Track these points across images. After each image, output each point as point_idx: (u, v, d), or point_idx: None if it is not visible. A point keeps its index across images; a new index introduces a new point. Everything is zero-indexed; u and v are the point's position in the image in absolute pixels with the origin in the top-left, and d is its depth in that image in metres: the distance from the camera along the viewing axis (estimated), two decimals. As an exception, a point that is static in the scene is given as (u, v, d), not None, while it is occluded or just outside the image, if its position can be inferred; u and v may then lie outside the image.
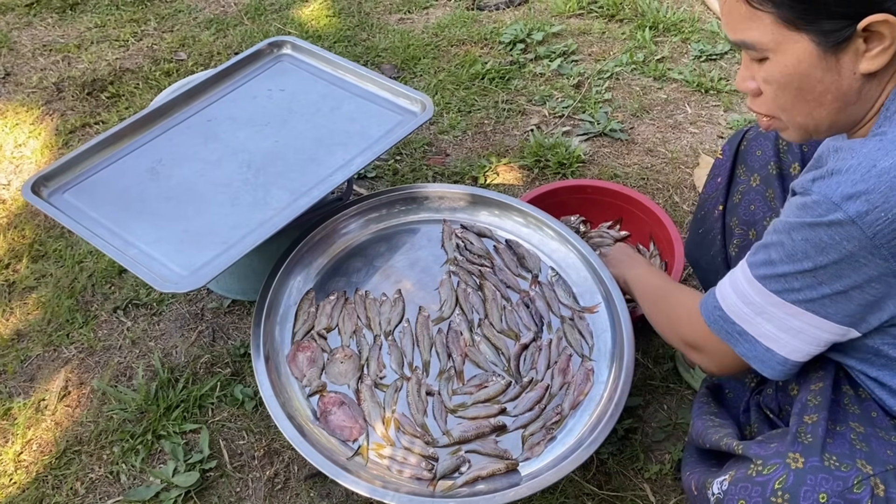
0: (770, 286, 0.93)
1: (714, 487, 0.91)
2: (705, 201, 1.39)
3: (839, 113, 0.93)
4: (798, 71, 0.90)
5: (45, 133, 2.41)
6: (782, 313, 0.93)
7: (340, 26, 2.89)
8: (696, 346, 1.11)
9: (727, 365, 1.07)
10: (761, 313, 0.95)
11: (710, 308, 1.04)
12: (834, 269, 0.85)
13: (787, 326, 0.93)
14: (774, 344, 0.95)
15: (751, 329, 0.97)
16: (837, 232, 0.82)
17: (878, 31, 0.84)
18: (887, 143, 0.82)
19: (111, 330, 1.81)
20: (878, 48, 0.85)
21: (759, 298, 0.95)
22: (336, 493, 1.47)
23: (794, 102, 0.94)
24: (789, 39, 0.88)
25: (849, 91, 0.90)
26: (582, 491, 1.46)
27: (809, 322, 0.91)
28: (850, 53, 0.87)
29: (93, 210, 1.52)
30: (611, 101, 2.46)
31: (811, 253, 0.86)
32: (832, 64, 0.88)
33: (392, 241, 1.71)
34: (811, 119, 0.95)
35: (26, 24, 2.97)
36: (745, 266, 0.98)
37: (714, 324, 1.03)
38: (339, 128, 1.69)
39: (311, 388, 1.45)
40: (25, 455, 1.57)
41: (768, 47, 0.91)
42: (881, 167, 0.80)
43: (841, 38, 0.86)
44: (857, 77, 0.88)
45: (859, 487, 0.81)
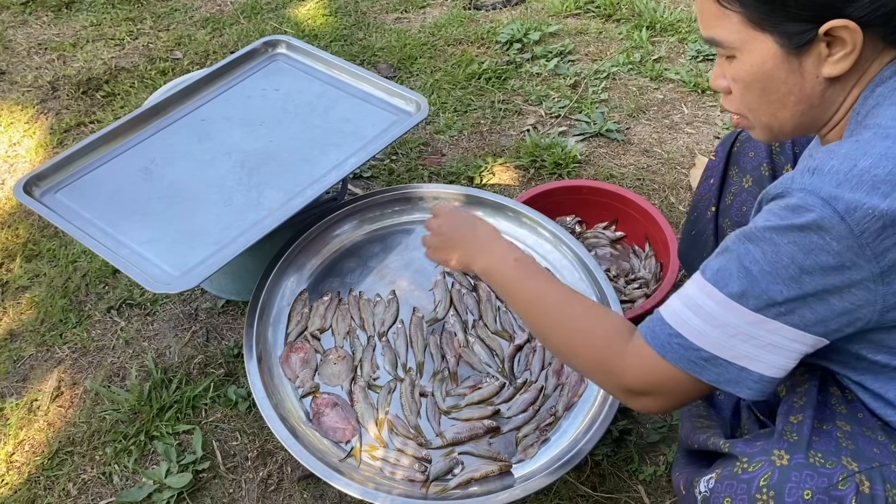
0: (749, 304, 0.85)
1: (701, 486, 0.91)
2: (698, 202, 1.39)
3: (803, 115, 0.94)
4: (762, 71, 0.91)
5: (40, 132, 2.40)
6: (762, 331, 0.86)
7: (337, 25, 2.88)
8: (644, 391, 0.98)
9: (685, 399, 0.97)
10: (736, 335, 0.87)
11: (664, 338, 0.93)
12: (819, 274, 0.82)
13: (766, 343, 0.87)
14: (750, 363, 0.89)
15: (723, 353, 0.89)
16: (827, 232, 0.80)
17: (839, 37, 0.85)
18: (864, 145, 0.82)
19: (105, 330, 1.80)
20: (840, 53, 0.87)
21: (734, 319, 0.87)
22: (329, 495, 1.47)
23: (758, 102, 0.95)
24: (755, 39, 0.90)
25: (812, 94, 0.91)
26: (576, 493, 1.45)
27: (789, 336, 0.86)
28: (812, 57, 0.88)
29: (85, 210, 1.51)
30: (607, 102, 2.45)
31: (798, 257, 0.82)
32: (795, 66, 0.89)
33: (386, 242, 1.70)
34: (775, 119, 0.96)
35: (21, 23, 2.96)
36: (707, 285, 0.89)
37: (672, 353, 0.92)
38: (334, 128, 1.69)
39: (304, 390, 1.44)
40: (17, 456, 1.56)
41: (735, 46, 0.92)
42: (861, 167, 0.80)
43: (803, 40, 0.87)
44: (820, 80, 0.90)
45: (844, 484, 0.81)
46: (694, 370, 0.91)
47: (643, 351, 0.96)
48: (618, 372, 1.00)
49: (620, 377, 1.00)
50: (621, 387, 1.01)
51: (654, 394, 0.97)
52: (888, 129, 0.83)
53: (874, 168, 0.79)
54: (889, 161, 0.80)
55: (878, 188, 0.78)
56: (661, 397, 0.97)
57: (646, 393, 0.98)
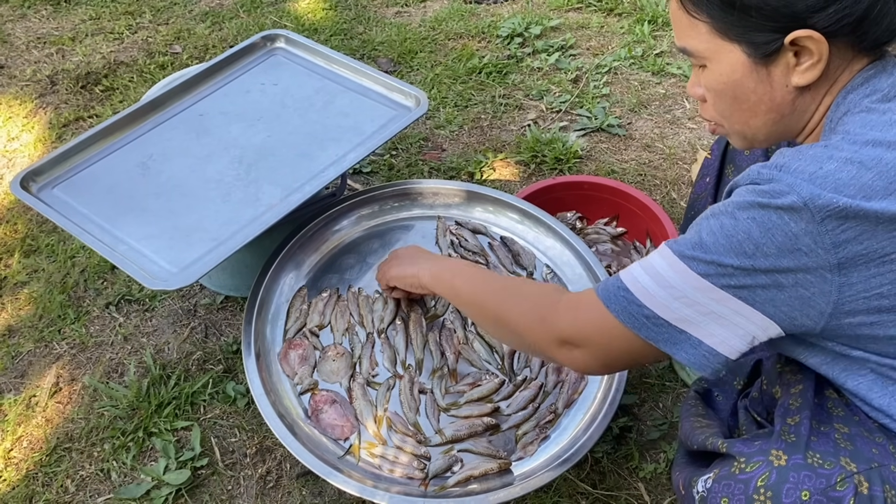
0: (698, 268, 0.86)
1: (699, 486, 0.91)
2: (695, 200, 1.39)
3: (775, 124, 0.95)
4: (732, 80, 0.93)
5: (39, 126, 2.39)
6: (706, 298, 0.86)
7: (337, 19, 2.86)
8: (576, 341, 0.99)
9: (616, 357, 0.97)
10: (680, 297, 0.87)
11: (613, 289, 0.93)
12: (774, 252, 0.81)
13: (709, 311, 0.86)
14: (690, 328, 0.88)
15: (664, 313, 0.89)
16: (788, 214, 0.80)
17: (806, 47, 0.87)
18: (831, 149, 0.83)
19: (103, 326, 1.80)
20: (807, 63, 0.88)
21: (680, 282, 0.87)
22: (328, 492, 1.46)
23: (731, 111, 0.97)
24: (724, 49, 0.92)
25: (782, 103, 0.93)
26: (576, 490, 1.45)
27: (734, 308, 0.85)
28: (780, 66, 0.90)
29: (82, 206, 1.50)
30: (609, 96, 2.44)
31: (755, 234, 0.82)
32: (763, 75, 0.91)
33: (385, 238, 1.69)
34: (748, 128, 0.98)
35: (20, 17, 2.95)
36: (665, 249, 0.90)
37: (615, 304, 0.92)
38: (333, 123, 1.68)
39: (303, 387, 1.43)
40: (15, 452, 1.56)
41: (705, 55, 0.94)
42: (826, 169, 0.81)
43: (769, 50, 0.89)
44: (789, 89, 0.91)
45: (842, 485, 0.80)
46: (633, 324, 0.91)
47: (584, 297, 0.98)
48: (551, 320, 1.01)
49: (554, 325, 1.01)
50: (554, 335, 1.01)
51: (586, 345, 0.98)
52: (856, 135, 0.84)
53: (838, 172, 0.80)
54: (853, 166, 0.81)
55: (840, 191, 0.79)
56: (593, 350, 0.97)
57: (578, 344, 0.98)
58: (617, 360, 0.98)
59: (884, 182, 0.80)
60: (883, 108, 0.87)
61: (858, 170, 0.80)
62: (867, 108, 0.87)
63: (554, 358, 1.03)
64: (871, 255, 0.80)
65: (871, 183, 0.80)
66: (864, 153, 0.82)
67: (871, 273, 0.81)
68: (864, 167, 0.80)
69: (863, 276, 0.81)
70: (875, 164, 0.81)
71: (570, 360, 1.01)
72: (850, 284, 0.82)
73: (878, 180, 0.80)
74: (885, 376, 0.90)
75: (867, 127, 0.85)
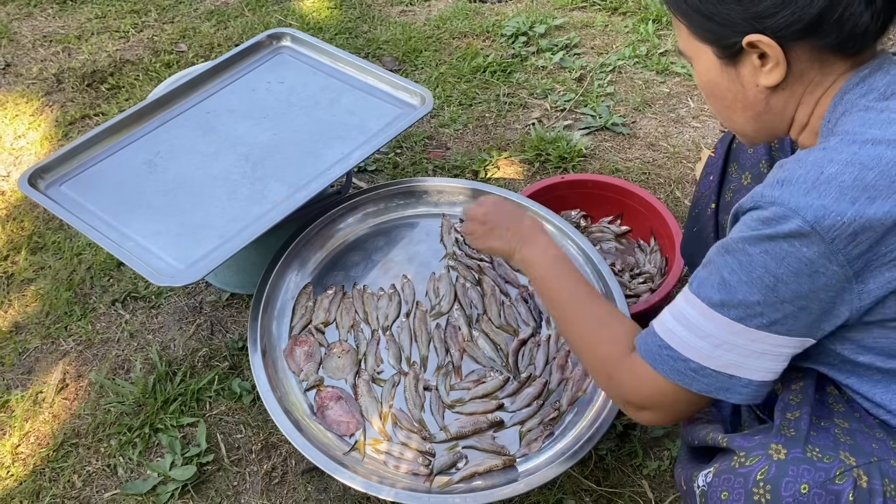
0: (730, 314, 0.88)
1: (699, 480, 0.91)
2: (699, 199, 1.39)
3: (755, 121, 0.98)
4: (708, 79, 0.97)
5: (45, 124, 2.40)
6: (744, 340, 0.88)
7: (342, 18, 2.87)
8: (641, 405, 1.00)
9: (683, 411, 0.99)
10: (720, 345, 0.89)
11: (654, 348, 0.95)
12: (794, 281, 0.83)
13: (751, 351, 0.89)
14: (738, 370, 0.90)
15: (710, 363, 0.91)
16: (798, 240, 0.81)
17: (764, 50, 0.89)
18: (830, 152, 0.84)
19: (109, 323, 1.81)
20: (770, 64, 0.90)
21: (716, 330, 0.89)
22: (333, 488, 1.47)
23: (717, 108, 1.01)
24: (700, 49, 0.96)
25: (755, 101, 0.95)
26: (580, 487, 1.45)
27: (773, 343, 0.88)
28: (747, 67, 0.93)
29: (90, 202, 1.51)
30: (613, 95, 2.44)
31: (771, 266, 0.84)
32: (733, 75, 0.95)
33: (390, 236, 1.70)
34: (734, 124, 1.01)
35: (27, 15, 2.96)
36: (692, 297, 0.91)
37: (662, 365, 0.94)
38: (338, 121, 1.68)
39: (309, 383, 1.44)
40: (23, 448, 1.56)
41: (688, 55, 0.99)
42: (828, 173, 0.81)
43: (733, 51, 0.92)
44: (760, 89, 0.94)
45: (842, 478, 0.81)
46: (684, 381, 0.93)
47: (638, 363, 0.99)
48: (617, 383, 1.04)
49: (619, 388, 1.03)
50: (622, 399, 1.04)
51: (652, 407, 1.00)
52: (854, 135, 0.85)
53: (840, 175, 0.81)
54: (855, 167, 0.81)
55: (845, 194, 0.80)
56: (660, 411, 1.00)
57: (646, 407, 1.01)
58: (682, 413, 1.00)
59: (886, 181, 0.80)
60: (881, 107, 0.87)
61: (860, 171, 0.81)
62: (865, 107, 0.88)
63: (629, 414, 1.05)
64: (882, 259, 0.81)
65: (874, 182, 0.80)
66: (863, 153, 0.82)
67: (886, 278, 0.82)
68: (865, 167, 0.81)
69: (878, 280, 0.83)
70: (876, 164, 0.81)
71: (639, 418, 1.04)
72: (867, 291, 0.83)
73: (880, 179, 0.80)
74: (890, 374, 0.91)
75: (866, 125, 0.85)
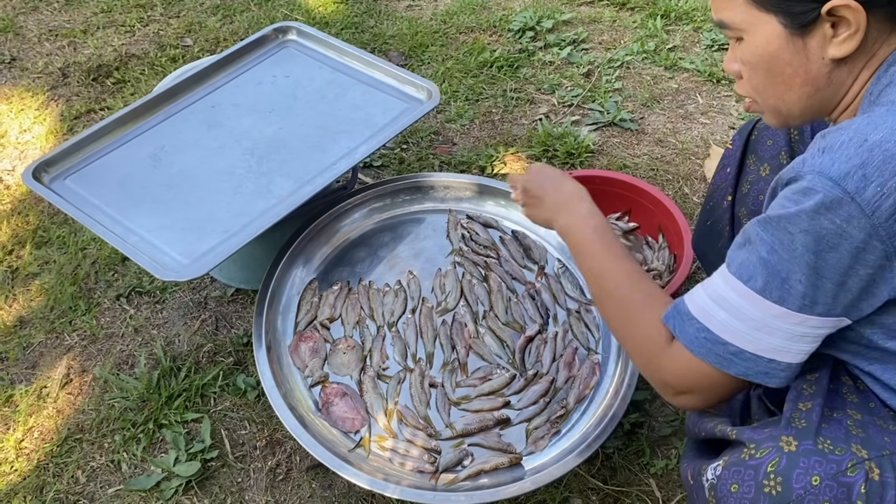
0: (771, 296, 0.86)
1: (708, 473, 0.90)
2: (714, 192, 1.36)
3: (809, 98, 0.93)
4: (767, 52, 0.92)
5: (51, 119, 2.39)
6: (787, 323, 0.86)
7: (348, 13, 2.86)
8: (681, 389, 0.99)
9: (721, 394, 0.97)
10: (761, 328, 0.88)
11: (693, 332, 0.93)
12: (835, 257, 0.81)
13: (793, 334, 0.87)
14: (778, 354, 0.89)
15: (750, 346, 0.89)
16: (838, 214, 0.79)
17: (843, 17, 0.85)
18: (875, 119, 0.81)
19: (114, 317, 1.80)
20: (844, 34, 0.86)
21: (758, 313, 0.87)
22: (338, 485, 1.46)
23: (765, 84, 0.96)
24: (759, 20, 0.90)
25: (818, 75, 0.91)
26: (586, 485, 1.44)
27: (813, 325, 0.87)
28: (817, 37, 0.88)
29: (94, 197, 1.50)
30: (621, 91, 2.42)
31: (811, 244, 0.81)
32: (800, 47, 0.89)
33: (396, 231, 1.69)
34: (782, 102, 0.96)
35: (32, 9, 2.95)
36: (731, 278, 0.89)
37: (701, 348, 0.92)
38: (344, 115, 1.67)
39: (314, 379, 1.43)
40: (27, 442, 1.56)
41: (741, 27, 0.93)
42: (872, 140, 0.79)
43: (806, 20, 0.87)
44: (825, 62, 0.89)
45: (853, 471, 0.80)
46: (722, 364, 0.92)
47: (677, 348, 0.97)
48: (656, 368, 1.01)
49: (659, 373, 1.01)
50: (662, 383, 1.01)
51: (691, 392, 0.98)
52: None
53: (885, 142, 0.79)
54: None
55: (888, 163, 0.78)
56: (699, 395, 0.98)
57: (684, 391, 0.99)
58: (720, 397, 0.98)
59: None
60: None
61: None
62: None
63: (669, 401, 1.03)
64: None
65: None
66: None
67: None
68: None
69: None
70: None
71: (682, 404, 1.01)
72: None
73: None
74: None
75: None
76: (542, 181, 1.31)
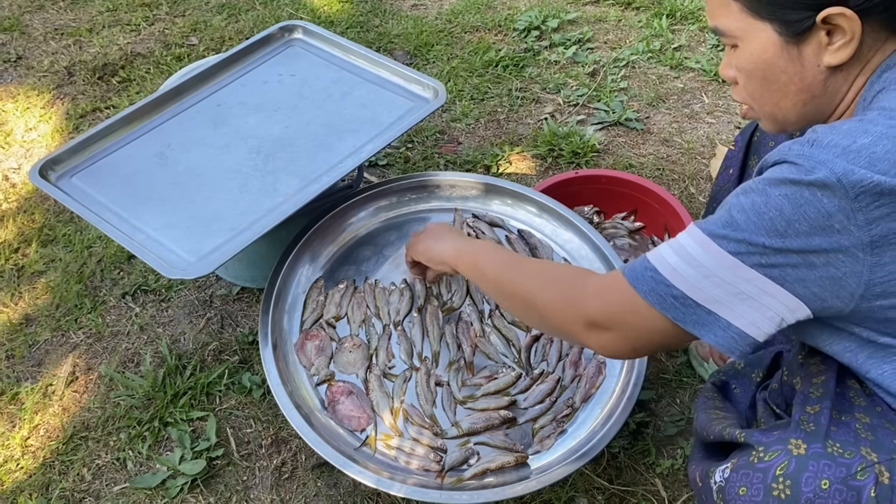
0: (728, 247, 0.84)
1: (716, 476, 0.90)
2: (717, 192, 1.37)
3: (805, 105, 0.94)
4: (762, 59, 0.92)
5: (56, 117, 2.40)
6: (734, 276, 0.84)
7: (353, 12, 2.86)
8: (605, 324, 0.96)
9: (646, 339, 0.94)
10: (709, 276, 0.85)
11: (640, 270, 0.91)
12: (806, 230, 0.80)
13: (738, 291, 0.84)
14: (720, 309, 0.86)
15: (693, 293, 0.86)
16: (821, 190, 0.78)
17: (838, 25, 0.85)
18: (866, 123, 0.81)
19: (119, 315, 1.80)
20: (839, 41, 0.87)
21: (710, 261, 0.85)
22: (343, 483, 1.46)
23: (761, 91, 0.96)
24: (755, 28, 0.91)
25: (813, 83, 0.91)
26: (592, 485, 1.44)
27: (764, 288, 0.84)
28: (812, 45, 0.88)
29: (101, 195, 1.50)
30: (626, 90, 2.42)
31: (787, 210, 0.80)
32: (795, 54, 0.90)
33: (402, 230, 1.68)
34: (778, 109, 0.97)
35: (38, 8, 2.96)
36: (694, 228, 0.88)
37: (643, 284, 0.90)
38: (350, 114, 1.67)
39: (320, 377, 1.43)
40: (32, 440, 1.56)
41: (736, 34, 0.93)
42: (860, 143, 0.79)
43: (801, 28, 0.87)
44: (821, 69, 0.90)
45: (863, 474, 0.79)
46: (661, 305, 0.89)
47: (612, 279, 0.95)
48: (580, 301, 0.99)
49: (582, 308, 0.98)
50: (582, 318, 0.98)
51: (614, 328, 0.95)
52: (893, 110, 0.82)
53: (873, 146, 0.79)
54: (889, 141, 0.79)
55: (874, 165, 0.78)
56: (621, 333, 0.95)
57: (607, 326, 0.96)
58: (645, 344, 0.96)
59: None
60: None
61: (894, 144, 0.78)
62: None
63: (582, 341, 1.01)
64: None
65: None
66: None
67: None
68: None
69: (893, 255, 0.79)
70: None
71: (598, 344, 0.99)
72: (882, 265, 0.80)
73: None
74: None
75: None
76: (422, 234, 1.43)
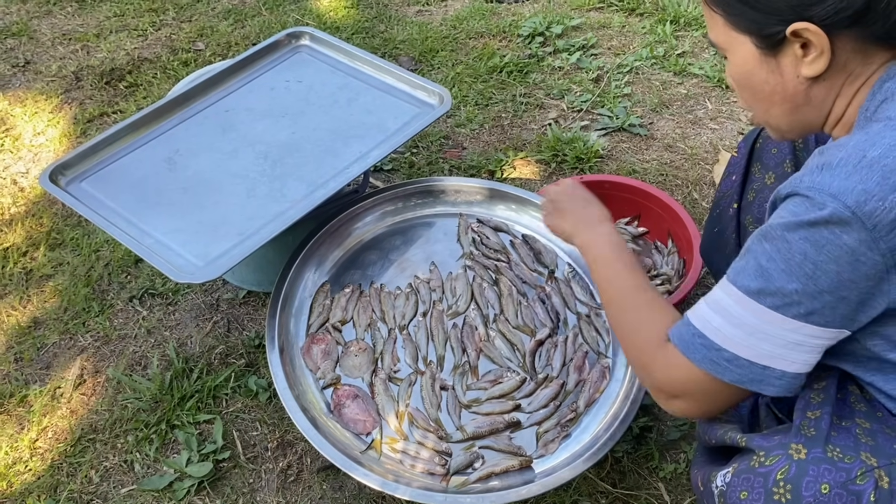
0: (766, 302, 0.86)
1: (717, 480, 0.91)
2: (720, 199, 1.38)
3: (792, 114, 0.96)
4: (745, 71, 0.95)
5: (64, 122, 2.42)
6: (780, 329, 0.86)
7: (358, 18, 2.87)
8: (674, 393, 0.99)
9: (715, 402, 0.97)
10: (754, 333, 0.88)
11: (688, 337, 0.94)
12: (833, 269, 0.81)
13: (787, 341, 0.87)
14: (772, 361, 0.89)
15: (744, 352, 0.89)
16: (838, 227, 0.80)
17: (808, 39, 0.87)
18: (873, 136, 0.82)
19: (127, 319, 1.82)
20: (813, 54, 0.89)
21: (752, 318, 0.87)
22: (349, 486, 1.47)
23: (752, 101, 0.99)
24: (736, 41, 0.94)
25: (795, 93, 0.93)
26: (596, 489, 1.44)
27: (809, 333, 0.86)
28: (789, 57, 0.91)
29: (110, 199, 1.52)
30: (630, 96, 2.43)
31: (811, 253, 0.82)
32: (773, 66, 0.93)
33: (408, 235, 1.70)
34: (770, 117, 0.99)
35: (46, 13, 2.98)
36: (728, 285, 0.90)
37: (695, 353, 0.93)
38: (357, 120, 1.69)
39: (325, 381, 1.44)
40: (41, 442, 1.58)
41: (723, 47, 0.97)
42: (871, 157, 0.80)
43: (775, 41, 0.90)
44: (801, 80, 0.92)
45: (863, 479, 0.80)
46: (717, 371, 0.92)
47: (671, 351, 0.97)
48: (650, 370, 1.02)
49: (652, 376, 1.02)
50: (654, 386, 1.02)
51: (683, 396, 0.99)
52: None
53: (884, 158, 0.80)
54: None
55: (888, 178, 0.79)
56: (691, 400, 0.98)
57: (676, 395, 0.99)
58: (714, 405, 0.98)
59: None
60: None
61: None
62: None
63: (657, 401, 1.04)
64: None
65: None
66: None
67: None
68: None
69: None
70: None
71: (671, 408, 1.02)
72: None
73: None
74: None
75: None
76: (572, 198, 1.38)
